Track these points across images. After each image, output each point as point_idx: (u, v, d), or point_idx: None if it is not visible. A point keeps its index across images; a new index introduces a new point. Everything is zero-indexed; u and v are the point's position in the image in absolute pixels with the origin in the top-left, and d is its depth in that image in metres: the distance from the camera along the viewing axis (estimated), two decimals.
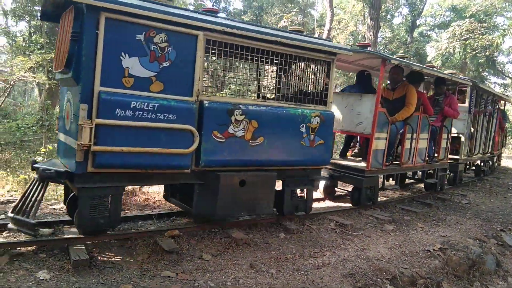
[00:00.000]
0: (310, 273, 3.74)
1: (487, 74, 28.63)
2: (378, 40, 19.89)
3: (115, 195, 3.84)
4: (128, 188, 5.91)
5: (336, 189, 6.91)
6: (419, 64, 7.02)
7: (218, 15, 4.41)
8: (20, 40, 15.16)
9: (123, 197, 5.65)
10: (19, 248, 3.59)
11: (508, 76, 29.32)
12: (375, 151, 5.99)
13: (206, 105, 4.04)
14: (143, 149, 3.70)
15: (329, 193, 6.84)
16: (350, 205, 6.30)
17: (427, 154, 7.25)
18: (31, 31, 15.52)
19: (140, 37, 3.66)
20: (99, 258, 3.58)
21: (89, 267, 3.37)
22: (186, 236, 4.26)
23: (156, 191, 6.11)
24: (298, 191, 5.15)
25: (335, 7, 21.07)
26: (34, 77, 10.95)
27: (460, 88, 9.07)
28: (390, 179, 8.58)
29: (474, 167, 11.31)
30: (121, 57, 3.59)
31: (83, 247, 3.63)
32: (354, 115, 6.24)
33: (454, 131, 8.51)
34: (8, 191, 5.64)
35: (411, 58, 23.09)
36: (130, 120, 3.61)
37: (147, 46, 3.70)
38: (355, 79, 7.51)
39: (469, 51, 21.62)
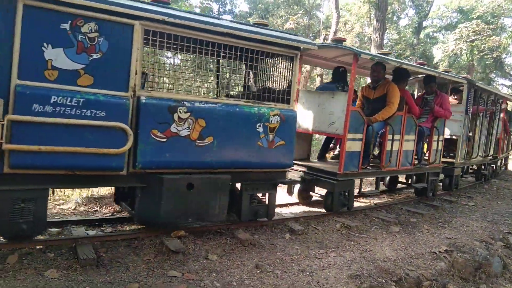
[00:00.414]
0: (315, 274, 3.75)
1: (494, 75, 28.47)
2: (385, 42, 19.85)
3: (38, 198, 3.53)
4: None
5: (312, 193, 6.47)
6: (397, 60, 6.50)
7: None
8: None
9: None
10: (28, 248, 3.63)
11: None
12: (349, 153, 5.60)
13: (143, 101, 3.72)
14: (66, 148, 3.41)
15: (304, 198, 6.53)
16: (324, 210, 5.90)
17: (415, 157, 6.85)
18: None
19: (66, 26, 3.38)
20: (106, 257, 3.62)
21: (96, 266, 3.41)
22: (192, 237, 4.29)
23: None
24: (259, 195, 4.82)
25: (341, 9, 21.07)
26: None
27: (457, 87, 8.67)
28: (381, 183, 7.96)
29: (475, 171, 10.76)
30: (43, 48, 3.32)
31: (91, 247, 3.68)
32: (326, 114, 5.85)
33: (448, 133, 8.18)
34: None
35: (418, 60, 23.00)
36: (49, 116, 3.33)
37: (73, 36, 3.41)
38: (330, 76, 7.15)
39: (476, 52, 21.50)
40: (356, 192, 6.46)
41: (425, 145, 7.44)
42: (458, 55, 22.92)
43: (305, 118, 6.20)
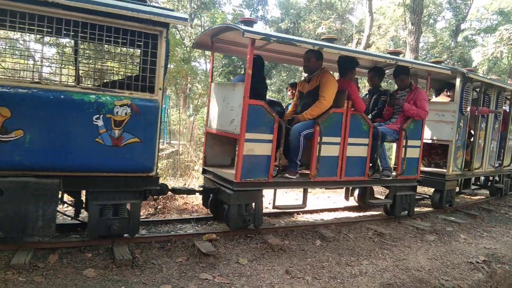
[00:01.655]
0: (346, 281, 3.70)
1: None
2: (420, 45, 19.38)
3: None
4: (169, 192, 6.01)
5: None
6: (316, 42, 4.81)
7: None
8: None
9: (164, 201, 5.86)
10: (67, 247, 3.80)
11: None
12: (250, 157, 4.43)
13: None
14: None
15: (217, 211, 5.22)
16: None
17: (368, 165, 5.40)
18: None
19: None
20: (141, 258, 3.73)
21: (131, 267, 3.52)
22: (223, 240, 4.35)
23: (195, 196, 6.26)
24: (116, 206, 3.93)
25: (374, 12, 20.76)
26: None
27: (452, 82, 6.91)
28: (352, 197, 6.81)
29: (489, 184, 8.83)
30: None
31: (126, 248, 3.80)
32: (229, 110, 4.81)
33: (434, 138, 6.86)
34: None
35: (455, 64, 22.29)
36: None
37: None
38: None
39: None
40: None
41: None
42: (499, 59, 21.99)
43: (215, 116, 5.26)
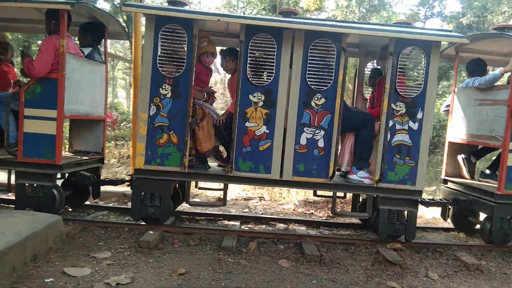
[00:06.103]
0: None
1: None
2: None
3: None
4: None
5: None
6: None
7: None
8: None
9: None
10: (263, 237, 4.23)
11: None
12: None
13: None
14: None
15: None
16: None
17: None
18: None
19: None
20: (327, 257, 3.89)
21: (319, 264, 3.71)
22: (408, 251, 4.18)
23: None
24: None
25: None
26: None
27: None
28: None
29: None
30: None
31: (313, 245, 4.03)
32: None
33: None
34: None
35: None
36: None
37: None
38: None
39: None
40: None
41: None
42: None
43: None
